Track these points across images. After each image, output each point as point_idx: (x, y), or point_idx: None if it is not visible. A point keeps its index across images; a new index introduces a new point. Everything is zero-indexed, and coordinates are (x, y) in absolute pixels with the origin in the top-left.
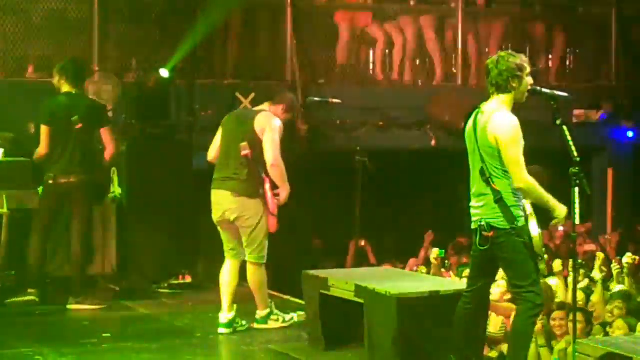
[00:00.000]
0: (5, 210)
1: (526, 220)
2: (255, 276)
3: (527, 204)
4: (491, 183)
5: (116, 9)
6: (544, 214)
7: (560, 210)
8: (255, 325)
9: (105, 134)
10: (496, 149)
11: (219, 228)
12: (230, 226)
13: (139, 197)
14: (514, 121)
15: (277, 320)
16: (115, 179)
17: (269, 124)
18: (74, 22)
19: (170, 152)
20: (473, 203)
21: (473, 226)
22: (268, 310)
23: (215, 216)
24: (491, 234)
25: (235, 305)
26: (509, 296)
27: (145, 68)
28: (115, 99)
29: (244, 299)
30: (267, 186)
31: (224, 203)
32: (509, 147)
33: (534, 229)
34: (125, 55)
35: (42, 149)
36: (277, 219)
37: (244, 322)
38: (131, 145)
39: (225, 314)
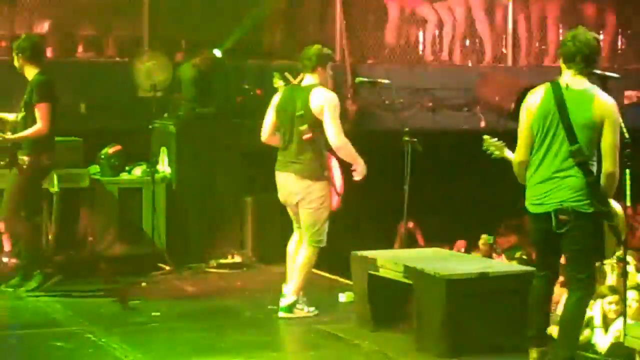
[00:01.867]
0: (56, 189)
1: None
2: (306, 258)
3: None
4: (586, 165)
5: None
6: None
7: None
8: (280, 314)
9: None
10: (598, 129)
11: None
12: (294, 208)
13: (188, 177)
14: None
15: (302, 309)
16: (165, 158)
17: (326, 102)
18: (123, 2)
19: (219, 132)
20: (547, 184)
21: (545, 209)
22: (295, 299)
23: (281, 198)
24: (571, 217)
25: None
26: None
27: (195, 48)
28: (165, 79)
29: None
30: (333, 163)
31: (288, 185)
32: (615, 130)
33: (618, 206)
34: (175, 35)
35: (45, 127)
36: (340, 198)
37: (304, 307)
38: (180, 125)
39: (287, 296)
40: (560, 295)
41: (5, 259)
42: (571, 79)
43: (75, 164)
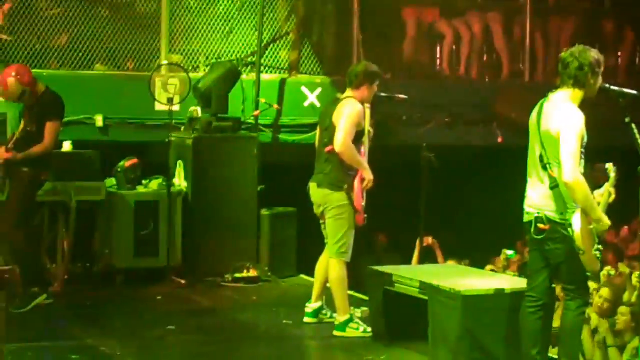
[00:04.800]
0: (72, 201)
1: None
2: (333, 272)
3: None
4: (549, 170)
5: (185, 5)
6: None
7: (605, 222)
8: (335, 333)
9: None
10: (557, 139)
11: None
12: (323, 219)
13: (204, 190)
14: (581, 116)
15: (357, 329)
16: (182, 172)
17: (345, 111)
18: (142, 16)
19: (236, 145)
20: (528, 192)
21: (527, 218)
22: (347, 317)
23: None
24: (547, 227)
25: (323, 296)
26: None
27: (212, 63)
28: (182, 93)
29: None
30: (356, 181)
31: (313, 196)
32: (571, 139)
33: (577, 224)
34: (193, 49)
35: (52, 145)
36: (364, 214)
37: (330, 314)
38: (197, 138)
39: (312, 304)
40: None
41: None
42: (557, 92)
43: (91, 177)
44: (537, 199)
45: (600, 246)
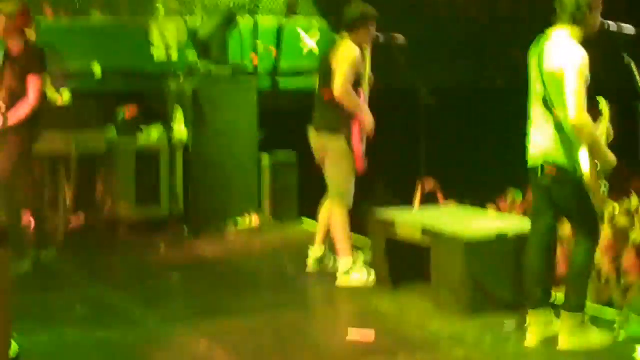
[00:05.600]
0: (73, 153)
1: None
2: (334, 218)
3: None
4: (553, 110)
5: None
6: None
7: (611, 160)
8: (338, 282)
9: None
10: (561, 79)
11: None
12: (323, 166)
13: (204, 139)
14: (585, 54)
15: (359, 277)
16: (182, 120)
17: (345, 54)
18: None
19: (235, 92)
20: (532, 135)
21: (532, 162)
22: (351, 263)
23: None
24: (554, 171)
25: (326, 242)
26: None
27: (209, 8)
28: (180, 40)
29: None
30: (355, 127)
31: (312, 142)
32: (575, 78)
33: (585, 164)
34: None
35: (39, 102)
36: (365, 161)
37: (333, 260)
38: (196, 87)
39: (315, 249)
40: None
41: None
42: (556, 29)
43: (91, 128)
44: (542, 142)
45: (606, 183)
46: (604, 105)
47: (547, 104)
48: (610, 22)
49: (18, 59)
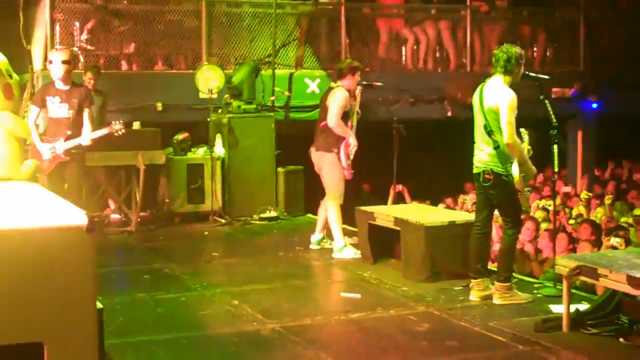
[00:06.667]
0: (141, 165)
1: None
2: (330, 211)
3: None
4: (492, 135)
5: (218, 21)
6: None
7: (533, 170)
8: (334, 255)
9: None
10: (497, 112)
11: None
12: (321, 175)
13: (236, 155)
14: (514, 95)
15: (350, 252)
16: (220, 142)
17: (334, 96)
18: (188, 29)
19: (259, 123)
20: (476, 152)
21: (476, 170)
22: (343, 244)
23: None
24: (491, 177)
25: (324, 229)
26: None
27: (239, 62)
28: (219, 85)
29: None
30: (342, 146)
31: (312, 158)
32: (507, 112)
33: (515, 171)
34: (225, 52)
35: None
36: (351, 170)
37: (329, 242)
38: (231, 118)
39: (316, 234)
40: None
41: (113, 215)
42: (492, 79)
43: (155, 147)
44: (483, 157)
45: (529, 188)
46: (524, 132)
47: (487, 131)
48: (532, 73)
49: (76, 93)
